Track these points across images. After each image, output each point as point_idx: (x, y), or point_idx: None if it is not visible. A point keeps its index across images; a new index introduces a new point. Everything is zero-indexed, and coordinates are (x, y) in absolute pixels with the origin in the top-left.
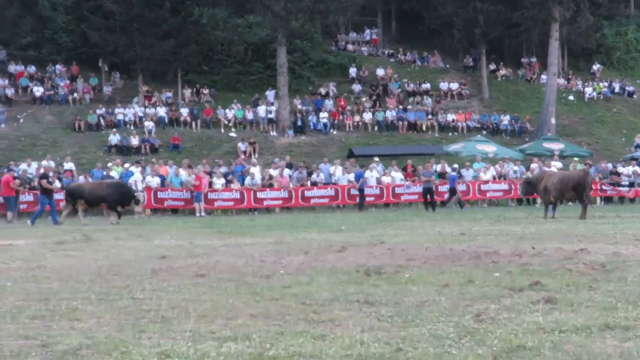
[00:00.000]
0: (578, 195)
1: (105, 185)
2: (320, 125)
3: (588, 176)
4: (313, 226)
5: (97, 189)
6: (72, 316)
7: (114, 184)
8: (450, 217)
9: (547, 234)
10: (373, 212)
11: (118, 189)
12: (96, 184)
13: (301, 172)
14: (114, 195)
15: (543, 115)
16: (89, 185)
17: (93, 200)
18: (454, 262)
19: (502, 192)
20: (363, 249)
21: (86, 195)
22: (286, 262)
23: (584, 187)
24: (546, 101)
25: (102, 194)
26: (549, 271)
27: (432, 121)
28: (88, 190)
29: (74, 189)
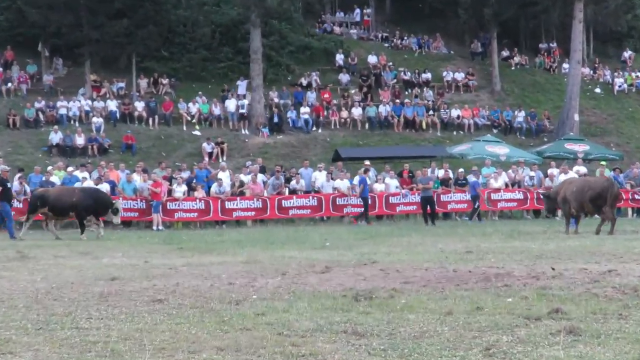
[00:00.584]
0: (596, 207)
1: (76, 190)
2: (301, 122)
3: (613, 186)
4: (292, 242)
5: (65, 195)
6: (5, 349)
7: (87, 190)
8: (454, 231)
9: (569, 252)
10: (363, 226)
11: (92, 195)
12: (64, 190)
13: (278, 177)
14: (86, 203)
15: (565, 110)
16: (56, 191)
17: (60, 208)
18: (459, 286)
19: (515, 202)
20: (351, 270)
21: (51, 202)
22: (259, 285)
23: (605, 199)
24: (568, 94)
25: (71, 201)
26: (571, 296)
27: (433, 118)
28: (54, 197)
29: (37, 196)
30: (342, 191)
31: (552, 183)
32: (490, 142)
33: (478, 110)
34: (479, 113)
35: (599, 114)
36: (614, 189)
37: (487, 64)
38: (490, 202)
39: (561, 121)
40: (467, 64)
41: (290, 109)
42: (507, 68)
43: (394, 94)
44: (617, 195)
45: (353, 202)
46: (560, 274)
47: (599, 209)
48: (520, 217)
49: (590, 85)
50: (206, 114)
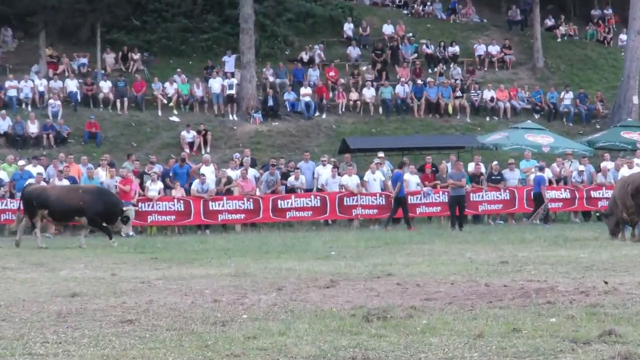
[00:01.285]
0: (637, 206)
1: (81, 191)
2: (301, 106)
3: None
4: (290, 251)
5: (68, 195)
6: None
7: (93, 191)
8: (486, 238)
9: (625, 262)
10: (376, 231)
11: (100, 197)
12: (67, 189)
13: (273, 173)
14: (95, 207)
15: (622, 91)
16: (57, 191)
17: (61, 212)
18: (492, 303)
19: (561, 202)
20: (361, 284)
21: (52, 203)
22: (250, 303)
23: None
24: (626, 71)
25: (76, 203)
26: (627, 316)
27: (461, 100)
28: (55, 197)
29: (32, 193)
30: (350, 189)
31: (605, 179)
32: (530, 129)
33: (516, 91)
34: (518, 95)
35: None
36: None
37: (528, 35)
38: (529, 203)
39: (617, 104)
40: (503, 35)
41: (288, 89)
42: (551, 40)
43: (414, 72)
44: None
45: (364, 203)
46: (615, 289)
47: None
48: (567, 220)
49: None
50: (186, 95)
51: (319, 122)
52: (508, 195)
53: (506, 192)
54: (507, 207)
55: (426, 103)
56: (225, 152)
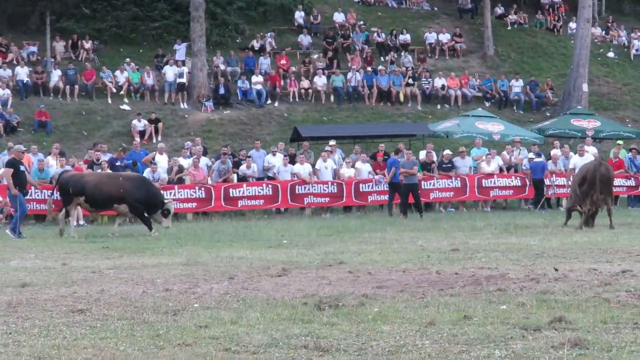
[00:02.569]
0: (584, 195)
1: (121, 178)
2: (253, 94)
3: (600, 167)
4: (241, 239)
5: (108, 183)
6: None
7: (135, 178)
8: (438, 226)
9: (575, 249)
10: (327, 219)
11: (142, 185)
12: (107, 176)
13: (224, 161)
14: (136, 194)
15: (571, 79)
16: (95, 178)
17: (99, 199)
18: (443, 291)
19: (511, 190)
20: (313, 272)
21: (89, 191)
22: (202, 292)
23: (592, 184)
24: (576, 59)
25: (116, 191)
26: (577, 302)
27: (413, 88)
28: (94, 185)
29: (69, 181)
30: (302, 178)
31: (556, 167)
32: (481, 117)
33: (467, 79)
34: (468, 83)
35: (613, 83)
36: (603, 171)
37: (478, 24)
38: (480, 191)
39: (567, 92)
40: (453, 23)
41: (239, 78)
42: (502, 28)
43: (365, 60)
44: (608, 179)
45: (316, 191)
46: (565, 276)
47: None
48: (518, 207)
49: (602, 49)
50: (137, 84)
51: (270, 110)
52: (459, 183)
53: (457, 179)
54: (458, 195)
55: (377, 91)
56: (177, 140)
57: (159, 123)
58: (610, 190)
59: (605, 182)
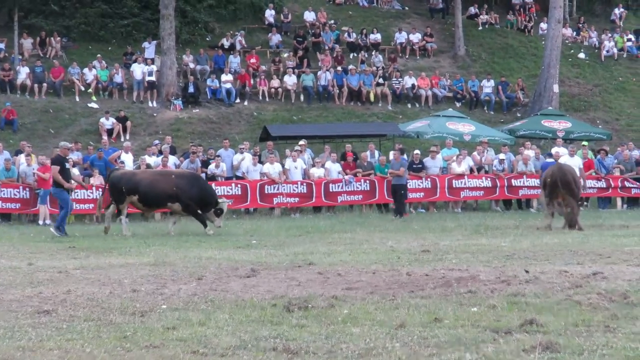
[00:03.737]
0: (549, 198)
1: (174, 176)
2: (222, 92)
3: (560, 171)
4: (210, 239)
5: (161, 181)
6: None
7: (188, 176)
8: (408, 227)
9: (546, 251)
10: (297, 219)
11: (196, 183)
12: (159, 174)
13: (193, 160)
14: (189, 192)
15: (542, 80)
16: (148, 175)
17: (153, 197)
18: (414, 292)
19: (482, 190)
20: (282, 273)
21: (143, 189)
22: (170, 293)
23: (553, 187)
24: (546, 60)
25: (169, 188)
26: (548, 305)
27: (383, 88)
28: (147, 183)
29: (122, 179)
30: (271, 177)
31: (526, 167)
32: (452, 117)
33: (438, 79)
34: (439, 83)
35: (583, 84)
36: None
37: (449, 23)
38: (451, 191)
39: (538, 93)
40: (424, 23)
41: (209, 76)
42: (473, 28)
43: (335, 59)
44: (566, 183)
45: (285, 191)
46: (536, 278)
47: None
48: (488, 208)
49: (573, 50)
50: (105, 82)
51: (240, 109)
52: (429, 183)
53: (427, 180)
54: (428, 196)
55: (348, 90)
56: (145, 139)
57: (127, 121)
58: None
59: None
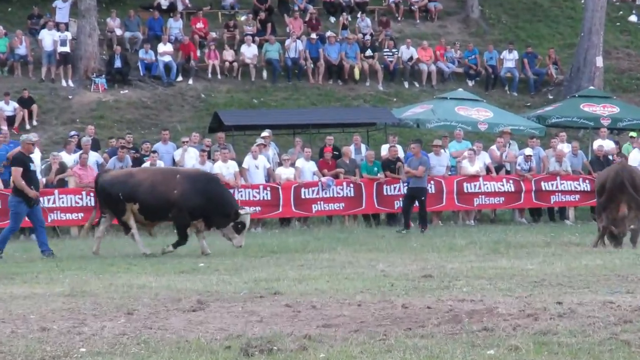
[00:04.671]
0: (605, 207)
1: (179, 176)
2: (159, 68)
3: (624, 172)
4: (144, 261)
5: (162, 182)
6: None
7: (198, 178)
8: (405, 244)
9: (586, 275)
10: (258, 235)
11: (206, 187)
12: (161, 173)
13: (121, 158)
14: (193, 202)
15: (581, 51)
16: (148, 176)
17: (155, 205)
18: (411, 330)
19: (502, 197)
20: (239, 306)
21: (143, 194)
22: (91, 332)
23: (612, 194)
24: (587, 25)
25: (170, 193)
26: (588, 346)
27: (372, 62)
28: (148, 186)
29: (113, 182)
30: (225, 180)
31: (561, 167)
32: (463, 101)
33: (444, 49)
34: (446, 55)
35: (636, 56)
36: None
37: None
38: (461, 198)
39: (575, 68)
40: None
41: (141, 46)
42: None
43: (309, 24)
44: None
45: (243, 198)
46: (571, 311)
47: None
48: (510, 220)
49: (622, 11)
50: (4, 54)
51: (182, 89)
52: (433, 187)
53: (431, 182)
54: (431, 204)
55: (325, 65)
56: (57, 130)
57: (33, 105)
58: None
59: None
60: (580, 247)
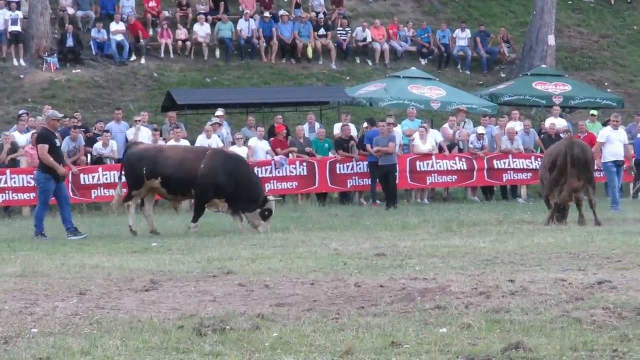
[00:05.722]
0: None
1: (209, 152)
2: (112, 47)
3: (573, 148)
4: (96, 241)
5: (191, 159)
6: None
7: (228, 156)
8: (357, 222)
9: (538, 253)
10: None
11: (236, 167)
12: (192, 151)
13: (74, 138)
14: (217, 179)
15: (534, 29)
16: (175, 152)
17: (177, 181)
18: (364, 309)
19: (455, 175)
20: (192, 286)
21: (170, 170)
22: (43, 312)
23: (562, 169)
24: (539, 4)
25: (195, 169)
26: (540, 323)
27: (324, 40)
28: (177, 161)
29: (143, 156)
30: None
31: (512, 145)
32: (415, 79)
33: (397, 28)
34: (399, 33)
35: (587, 34)
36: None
37: None
38: (414, 176)
39: (528, 46)
40: None
41: (93, 25)
42: None
43: (262, 3)
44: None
45: None
46: (524, 289)
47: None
48: (463, 198)
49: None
50: None
51: (135, 68)
52: None
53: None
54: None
55: (278, 44)
56: (9, 109)
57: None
58: (589, 177)
59: (582, 166)
60: (532, 225)
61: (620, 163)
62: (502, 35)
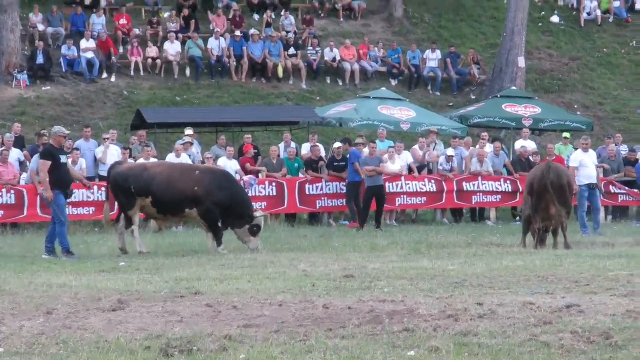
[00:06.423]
0: (535, 208)
1: (198, 172)
2: (82, 64)
3: (549, 173)
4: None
5: (181, 179)
6: None
7: (217, 174)
8: (327, 244)
9: (507, 277)
10: (179, 234)
11: (227, 185)
12: (179, 170)
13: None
14: (216, 197)
15: (504, 51)
16: (164, 170)
17: (169, 201)
18: (332, 331)
19: (424, 197)
20: (159, 306)
21: (157, 189)
22: (9, 332)
23: (540, 194)
24: (510, 25)
25: (190, 190)
26: (508, 347)
27: (295, 60)
28: (163, 180)
29: (128, 175)
30: None
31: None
32: (386, 100)
33: (367, 48)
34: (369, 54)
35: (557, 57)
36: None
37: None
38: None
39: (498, 68)
40: None
41: (64, 42)
42: None
43: (233, 21)
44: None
45: None
46: (492, 312)
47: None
48: (432, 220)
49: (545, 12)
50: None
51: (105, 86)
52: None
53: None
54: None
55: (249, 63)
56: None
57: None
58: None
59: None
60: (501, 248)
61: (593, 186)
62: (472, 57)
